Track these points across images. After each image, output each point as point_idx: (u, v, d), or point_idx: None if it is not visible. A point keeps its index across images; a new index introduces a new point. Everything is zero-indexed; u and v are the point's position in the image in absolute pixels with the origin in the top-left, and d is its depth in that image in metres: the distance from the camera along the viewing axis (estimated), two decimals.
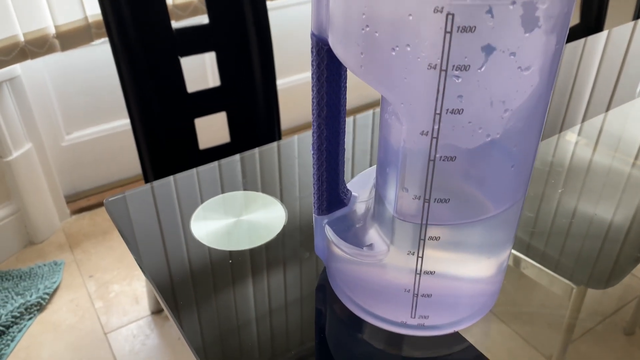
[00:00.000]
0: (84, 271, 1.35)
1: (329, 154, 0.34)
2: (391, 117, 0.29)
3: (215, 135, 1.04)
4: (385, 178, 0.31)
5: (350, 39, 0.27)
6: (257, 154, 0.55)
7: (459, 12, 0.23)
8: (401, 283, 0.32)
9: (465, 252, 0.32)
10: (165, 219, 0.46)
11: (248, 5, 0.96)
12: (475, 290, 0.35)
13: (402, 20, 0.24)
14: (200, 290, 0.39)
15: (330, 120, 0.33)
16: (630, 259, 0.43)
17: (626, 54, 0.82)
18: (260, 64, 1.02)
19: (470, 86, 0.25)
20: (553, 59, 0.26)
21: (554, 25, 0.25)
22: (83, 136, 1.52)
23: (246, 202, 0.47)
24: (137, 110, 0.94)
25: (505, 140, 0.27)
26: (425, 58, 0.24)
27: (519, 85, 0.25)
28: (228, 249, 0.43)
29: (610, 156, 0.57)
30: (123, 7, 0.87)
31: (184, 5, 1.36)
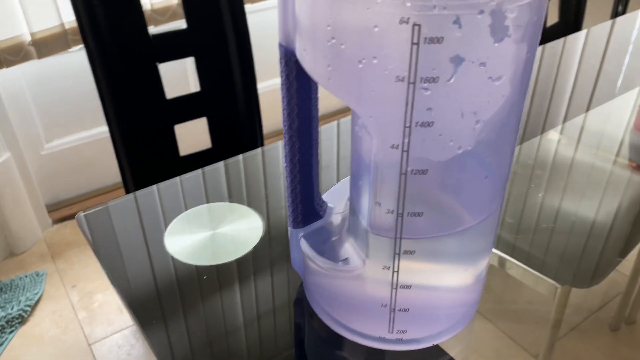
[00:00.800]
0: (66, 281, 1.33)
1: (302, 166, 0.34)
2: (361, 129, 0.28)
3: (196, 141, 1.03)
4: (358, 191, 0.30)
5: (317, 51, 0.26)
6: (232, 164, 0.54)
7: (425, 23, 0.22)
8: (377, 298, 0.31)
9: (442, 264, 0.31)
10: (138, 233, 0.45)
11: (226, 9, 0.95)
12: (454, 302, 0.34)
13: (368, 32, 0.23)
14: (172, 307, 0.38)
15: (302, 131, 0.32)
16: (614, 255, 0.43)
17: (605, 52, 0.82)
18: (240, 68, 1.01)
19: (439, 98, 0.24)
20: (525, 68, 0.25)
21: (524, 34, 0.24)
22: (63, 144, 1.50)
23: (222, 214, 0.46)
24: (115, 117, 0.93)
25: (478, 152, 0.26)
26: (392, 70, 0.23)
27: (490, 95, 0.25)
28: (202, 263, 0.41)
29: (592, 154, 0.57)
30: (98, 14, 0.85)
31: (162, 9, 1.34)
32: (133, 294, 0.39)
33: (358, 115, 0.28)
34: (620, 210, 0.48)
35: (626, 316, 0.39)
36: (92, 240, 0.44)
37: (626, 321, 0.39)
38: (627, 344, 0.37)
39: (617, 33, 0.89)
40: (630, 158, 0.57)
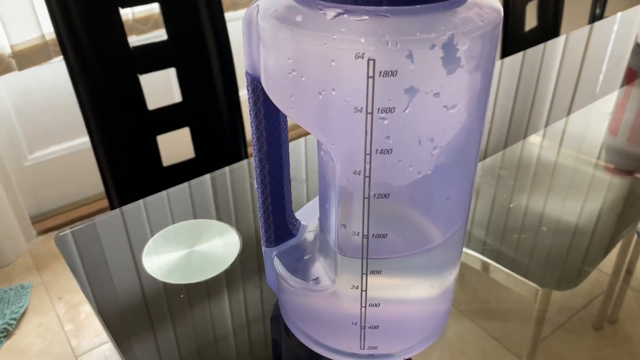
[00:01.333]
0: (52, 293, 1.32)
1: (273, 187, 0.34)
2: (326, 154, 0.29)
3: (179, 151, 1.03)
4: (326, 213, 0.31)
5: (280, 82, 0.27)
6: (203, 181, 0.54)
7: (379, 58, 0.23)
8: (348, 316, 0.32)
9: (410, 281, 0.32)
10: (117, 253, 0.45)
11: (206, 19, 0.96)
12: (424, 316, 0.35)
13: (326, 65, 0.24)
14: (150, 326, 0.39)
15: (272, 154, 0.33)
16: (596, 256, 0.44)
17: (584, 57, 0.83)
18: (222, 77, 1.01)
19: (397, 127, 0.25)
20: (480, 95, 0.26)
21: (477, 64, 0.25)
22: (46, 155, 1.49)
23: (199, 231, 0.47)
24: (96, 129, 0.93)
25: (438, 175, 0.27)
26: (351, 102, 0.24)
27: (446, 123, 0.26)
28: (180, 282, 0.42)
29: (573, 158, 0.58)
30: (77, 26, 0.85)
31: (144, 19, 1.34)
32: (111, 314, 0.40)
33: (322, 142, 0.28)
34: (602, 212, 0.49)
35: (608, 315, 0.40)
36: (70, 260, 0.44)
37: (609, 320, 0.40)
38: (610, 343, 0.38)
39: (595, 38, 0.91)
40: (606, 161, 0.58)
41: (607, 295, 0.41)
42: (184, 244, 0.45)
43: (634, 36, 0.89)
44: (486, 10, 0.24)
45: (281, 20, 0.25)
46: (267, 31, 0.26)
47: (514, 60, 0.82)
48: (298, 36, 0.24)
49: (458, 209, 0.31)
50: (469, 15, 0.24)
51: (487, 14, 0.24)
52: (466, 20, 0.23)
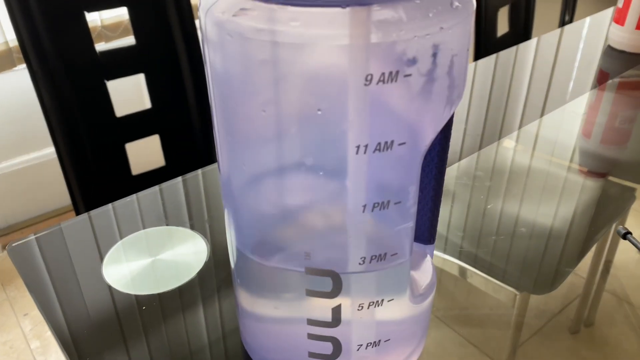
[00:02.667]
0: (18, 310, 1.27)
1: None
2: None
3: (149, 159, 1.00)
4: None
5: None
6: (170, 187, 0.52)
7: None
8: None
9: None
10: (74, 265, 0.42)
11: (176, 24, 0.94)
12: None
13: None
14: (113, 341, 0.36)
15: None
16: (571, 260, 0.44)
17: (555, 60, 0.84)
18: (193, 84, 0.99)
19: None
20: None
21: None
22: (12, 166, 1.44)
23: (163, 239, 0.44)
24: (62, 138, 0.89)
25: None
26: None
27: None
28: (143, 292, 0.39)
29: (547, 161, 0.58)
30: (41, 31, 0.82)
31: (113, 25, 1.31)
32: (69, 329, 0.37)
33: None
34: (576, 215, 0.49)
35: (585, 318, 0.40)
36: (23, 273, 0.41)
37: (585, 323, 0.39)
38: (587, 346, 0.37)
39: (566, 40, 0.91)
40: (580, 164, 0.58)
41: (583, 298, 0.41)
42: (147, 253, 0.43)
43: (603, 39, 0.90)
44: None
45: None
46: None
47: (487, 63, 0.82)
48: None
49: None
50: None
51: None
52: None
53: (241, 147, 0.26)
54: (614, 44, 0.85)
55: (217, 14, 0.22)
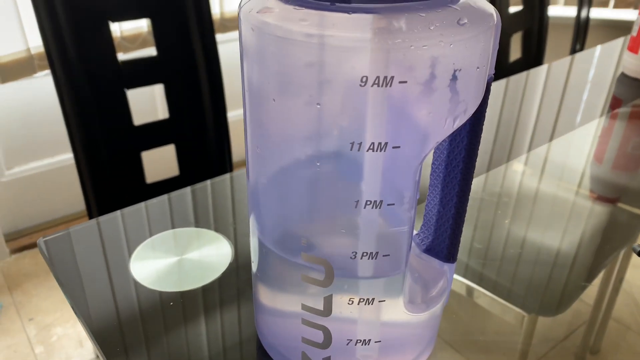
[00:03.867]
0: (23, 314, 1.27)
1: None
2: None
3: (163, 169, 1.02)
4: None
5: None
6: (200, 189, 0.53)
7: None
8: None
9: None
10: (103, 260, 0.43)
11: (197, 37, 0.96)
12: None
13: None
14: (138, 336, 0.37)
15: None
16: (578, 284, 0.44)
17: (565, 86, 0.85)
18: (210, 96, 1.01)
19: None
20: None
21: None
22: (24, 171, 1.46)
23: (189, 239, 0.45)
24: (80, 143, 0.91)
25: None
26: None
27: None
28: (168, 289, 0.40)
29: (555, 185, 0.59)
30: (66, 38, 0.84)
31: (132, 37, 1.34)
32: (97, 322, 0.38)
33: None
34: (583, 240, 0.49)
35: (591, 345, 0.39)
36: (54, 266, 0.42)
37: (591, 350, 0.39)
38: None
39: (576, 68, 0.93)
40: (591, 189, 0.59)
41: (589, 325, 0.41)
42: (173, 252, 0.44)
43: (614, 66, 0.92)
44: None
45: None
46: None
47: (497, 86, 0.83)
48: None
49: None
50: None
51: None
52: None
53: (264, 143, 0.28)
54: (628, 72, 0.87)
55: (254, 15, 0.25)
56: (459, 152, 0.30)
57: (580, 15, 1.50)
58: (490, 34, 0.24)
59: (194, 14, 0.94)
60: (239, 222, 0.48)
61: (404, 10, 0.22)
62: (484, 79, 0.26)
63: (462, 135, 0.30)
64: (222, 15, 1.51)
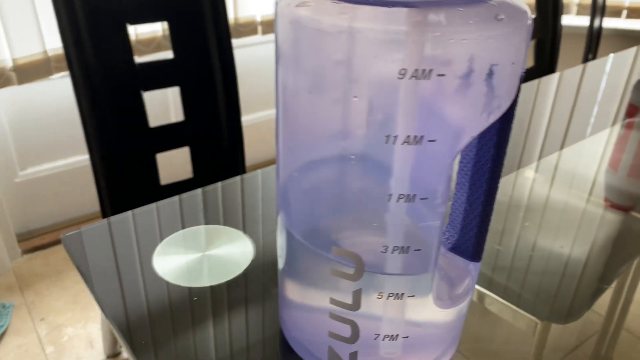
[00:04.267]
0: (34, 314, 1.28)
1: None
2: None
3: (177, 171, 1.02)
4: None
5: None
6: (220, 188, 0.54)
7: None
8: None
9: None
10: (126, 255, 0.44)
11: (213, 41, 0.97)
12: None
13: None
14: (162, 329, 0.37)
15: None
16: (589, 293, 0.44)
17: (577, 94, 0.85)
18: (225, 100, 1.01)
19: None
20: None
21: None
22: (38, 172, 1.47)
23: (211, 236, 0.46)
24: (96, 144, 0.92)
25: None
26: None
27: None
28: (192, 285, 0.41)
29: (566, 192, 0.58)
30: (85, 40, 0.85)
31: (147, 40, 1.35)
32: (121, 315, 0.38)
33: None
34: (596, 248, 0.49)
35: (603, 355, 0.39)
36: (77, 261, 0.43)
37: None
38: None
39: (589, 76, 0.93)
40: (605, 197, 0.58)
41: (601, 335, 0.41)
42: (196, 248, 0.44)
43: (626, 75, 0.92)
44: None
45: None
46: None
47: None
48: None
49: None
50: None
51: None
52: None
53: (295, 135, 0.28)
54: None
55: (292, 10, 0.25)
56: (488, 150, 0.30)
57: (593, 25, 1.50)
58: (525, 30, 0.25)
59: (211, 19, 0.94)
60: (261, 220, 0.49)
61: (442, 5, 0.23)
62: (517, 75, 0.26)
63: (491, 133, 0.30)
64: (236, 20, 1.52)
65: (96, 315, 1.26)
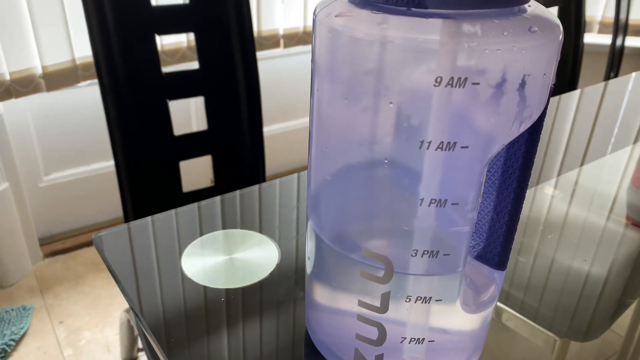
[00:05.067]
0: (54, 317, 1.30)
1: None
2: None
3: (199, 179, 1.04)
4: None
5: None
6: (246, 194, 0.55)
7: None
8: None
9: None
10: (155, 256, 0.45)
11: (238, 53, 0.98)
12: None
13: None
14: (191, 329, 0.38)
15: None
16: (608, 312, 0.44)
17: (598, 111, 0.85)
18: (248, 111, 1.03)
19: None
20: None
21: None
22: (61, 177, 1.50)
23: (238, 240, 0.47)
24: (121, 151, 0.94)
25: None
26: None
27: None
28: (218, 286, 0.42)
29: (586, 209, 0.58)
30: (114, 49, 0.88)
31: (172, 51, 1.38)
32: (151, 315, 0.39)
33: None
34: (616, 266, 0.48)
35: None
36: (107, 261, 0.44)
37: None
38: None
39: (610, 94, 0.93)
40: (627, 214, 0.58)
41: (621, 356, 0.40)
42: (223, 251, 0.45)
43: None
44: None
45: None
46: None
47: None
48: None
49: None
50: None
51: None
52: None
53: (328, 137, 0.29)
54: None
55: (332, 19, 0.26)
56: (516, 159, 0.31)
57: (615, 43, 1.50)
58: (557, 43, 0.26)
59: (237, 31, 0.97)
60: (282, 227, 0.50)
61: (478, 17, 0.24)
62: (548, 86, 0.27)
63: (520, 142, 0.30)
64: (259, 33, 1.55)
65: (113, 320, 1.28)
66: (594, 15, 1.81)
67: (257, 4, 1.51)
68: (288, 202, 0.54)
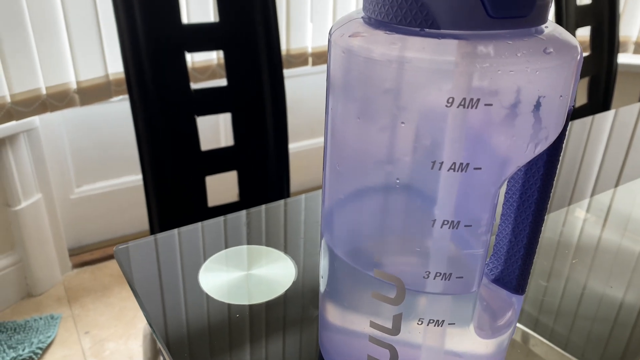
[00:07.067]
0: (80, 327, 1.32)
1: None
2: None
3: (224, 194, 1.05)
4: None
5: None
6: (265, 210, 0.55)
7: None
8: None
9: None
10: (173, 270, 0.45)
11: (265, 70, 1.00)
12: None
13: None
14: (205, 344, 0.38)
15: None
16: None
17: (634, 132, 0.83)
18: (274, 128, 1.04)
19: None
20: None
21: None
22: (92, 190, 1.53)
23: (255, 256, 0.47)
24: (149, 165, 0.95)
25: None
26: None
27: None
28: (235, 302, 0.42)
29: (620, 234, 0.57)
30: (145, 66, 0.90)
31: (202, 68, 1.41)
32: (167, 329, 0.39)
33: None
34: None
35: None
36: (127, 274, 0.45)
37: None
38: None
39: None
40: None
41: None
42: (240, 267, 0.45)
43: None
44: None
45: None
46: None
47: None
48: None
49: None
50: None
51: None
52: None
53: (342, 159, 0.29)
54: None
55: (346, 39, 0.26)
56: (535, 181, 0.30)
57: None
58: (574, 64, 0.25)
59: (265, 49, 0.98)
60: (303, 243, 0.50)
61: (491, 38, 0.24)
62: (565, 107, 0.26)
63: (538, 164, 0.30)
64: (287, 51, 1.56)
65: (137, 332, 1.29)
66: (629, 35, 1.77)
67: (286, 23, 1.53)
68: (307, 219, 0.54)
